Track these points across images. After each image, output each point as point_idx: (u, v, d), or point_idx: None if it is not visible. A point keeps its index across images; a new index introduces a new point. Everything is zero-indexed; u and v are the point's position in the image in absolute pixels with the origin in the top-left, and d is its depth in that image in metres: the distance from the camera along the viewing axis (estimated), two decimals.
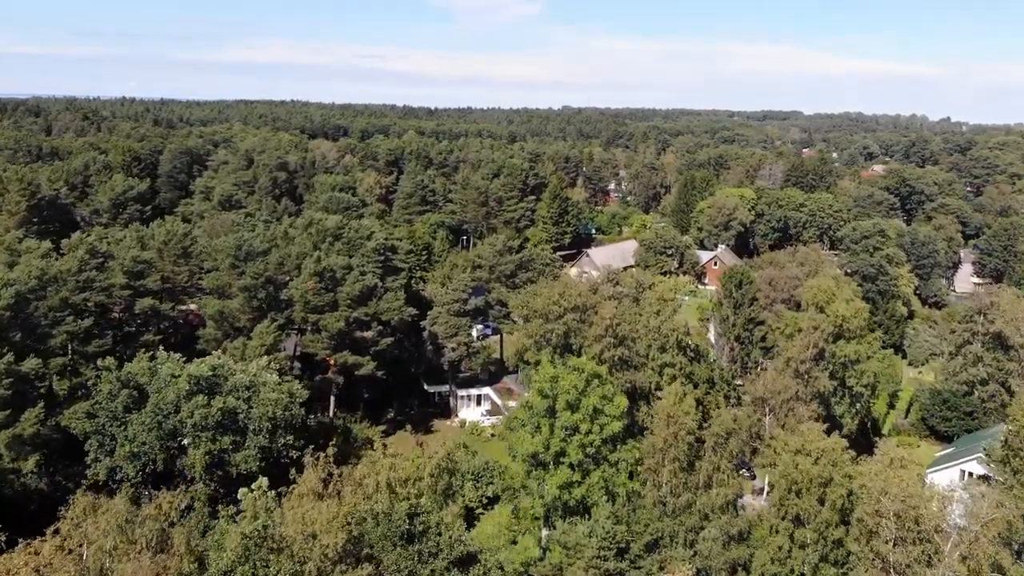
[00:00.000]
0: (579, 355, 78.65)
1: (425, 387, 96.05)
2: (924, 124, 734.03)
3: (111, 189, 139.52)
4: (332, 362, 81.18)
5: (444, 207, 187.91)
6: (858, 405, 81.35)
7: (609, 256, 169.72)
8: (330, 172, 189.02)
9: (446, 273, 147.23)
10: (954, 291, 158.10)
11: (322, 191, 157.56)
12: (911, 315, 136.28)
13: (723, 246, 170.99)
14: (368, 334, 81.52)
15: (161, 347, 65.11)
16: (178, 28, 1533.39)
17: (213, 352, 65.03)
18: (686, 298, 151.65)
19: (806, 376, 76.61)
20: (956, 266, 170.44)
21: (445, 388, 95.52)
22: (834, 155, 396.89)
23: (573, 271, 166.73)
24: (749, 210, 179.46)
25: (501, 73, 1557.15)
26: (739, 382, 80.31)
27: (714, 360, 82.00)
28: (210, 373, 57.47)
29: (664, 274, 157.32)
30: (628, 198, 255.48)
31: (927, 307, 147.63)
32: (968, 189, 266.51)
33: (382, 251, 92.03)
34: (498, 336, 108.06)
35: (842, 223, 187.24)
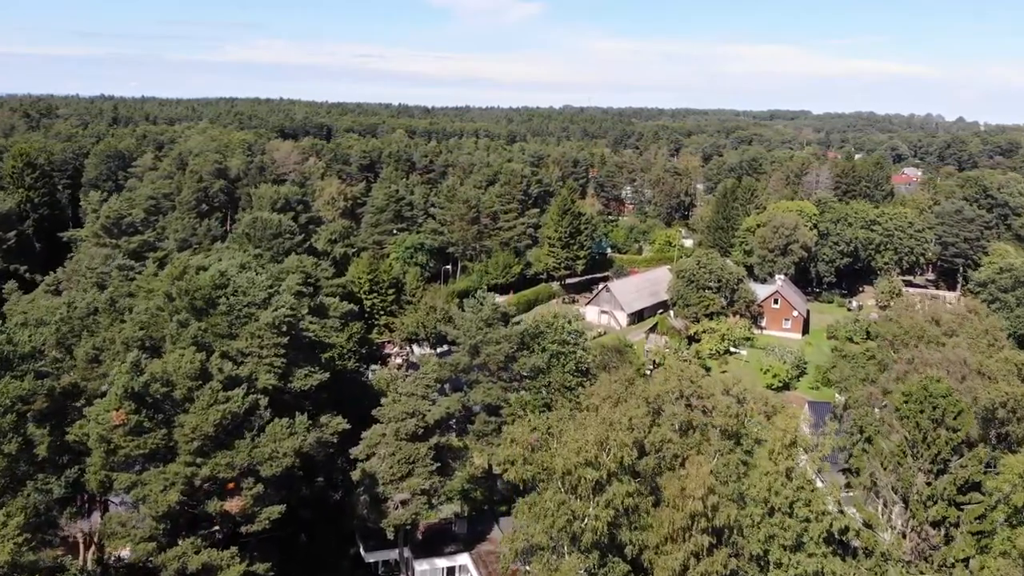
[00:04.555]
0: (637, 563, 40.71)
1: (362, 552, 57.78)
2: (939, 124, 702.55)
3: None
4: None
5: (425, 224, 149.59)
6: None
7: (635, 291, 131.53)
8: (281, 180, 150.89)
9: (419, 319, 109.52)
10: None
11: (259, 206, 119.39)
12: None
13: (781, 276, 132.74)
14: (233, 504, 43.36)
15: None
16: (179, 29, 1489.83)
17: None
18: (743, 352, 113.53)
19: None
20: None
21: (394, 555, 57.17)
22: (857, 157, 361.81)
23: (589, 311, 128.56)
24: (810, 229, 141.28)
25: (503, 74, 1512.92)
26: None
27: (880, 548, 43.82)
28: None
29: (710, 316, 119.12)
30: (647, 208, 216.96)
31: None
32: None
33: (287, 326, 53.73)
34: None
35: (925, 244, 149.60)
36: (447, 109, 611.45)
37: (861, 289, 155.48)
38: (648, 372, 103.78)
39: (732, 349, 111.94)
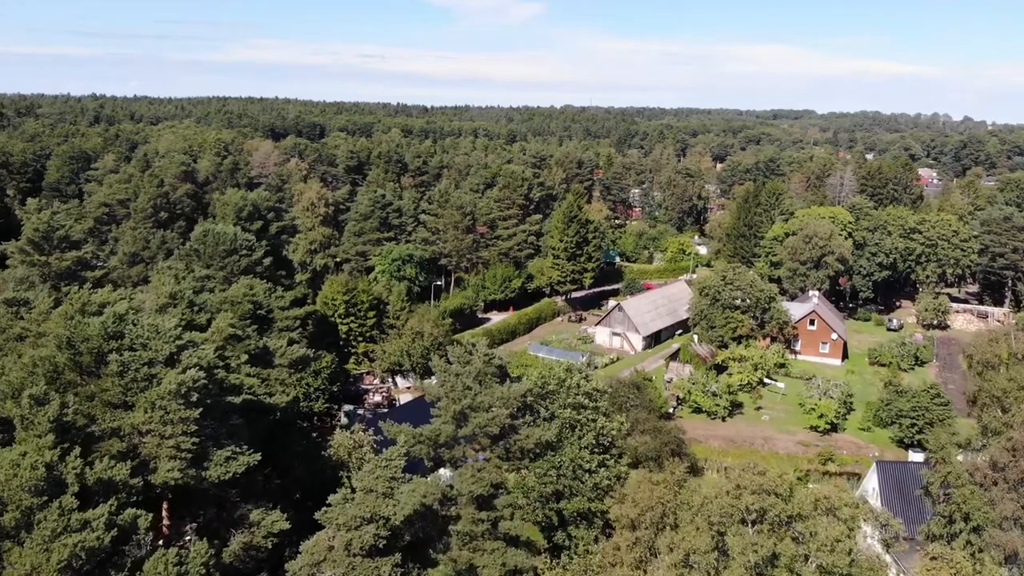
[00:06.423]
0: None
1: None
2: (947, 123, 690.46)
3: None
4: None
5: (415, 233, 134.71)
6: None
7: (651, 309, 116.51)
8: (256, 183, 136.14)
9: (404, 347, 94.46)
10: None
11: (222, 215, 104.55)
12: None
13: (815, 293, 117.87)
14: None
15: None
16: (179, 29, 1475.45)
17: None
18: (780, 384, 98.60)
19: None
20: None
21: None
22: (868, 157, 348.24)
23: (600, 332, 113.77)
24: (845, 238, 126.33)
25: (503, 74, 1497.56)
26: None
27: None
28: None
29: (738, 340, 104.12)
30: (657, 213, 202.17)
31: None
32: None
33: (200, 393, 38.78)
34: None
35: (972, 255, 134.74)
36: (445, 108, 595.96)
37: (898, 304, 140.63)
38: (671, 410, 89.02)
39: (766, 380, 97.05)
